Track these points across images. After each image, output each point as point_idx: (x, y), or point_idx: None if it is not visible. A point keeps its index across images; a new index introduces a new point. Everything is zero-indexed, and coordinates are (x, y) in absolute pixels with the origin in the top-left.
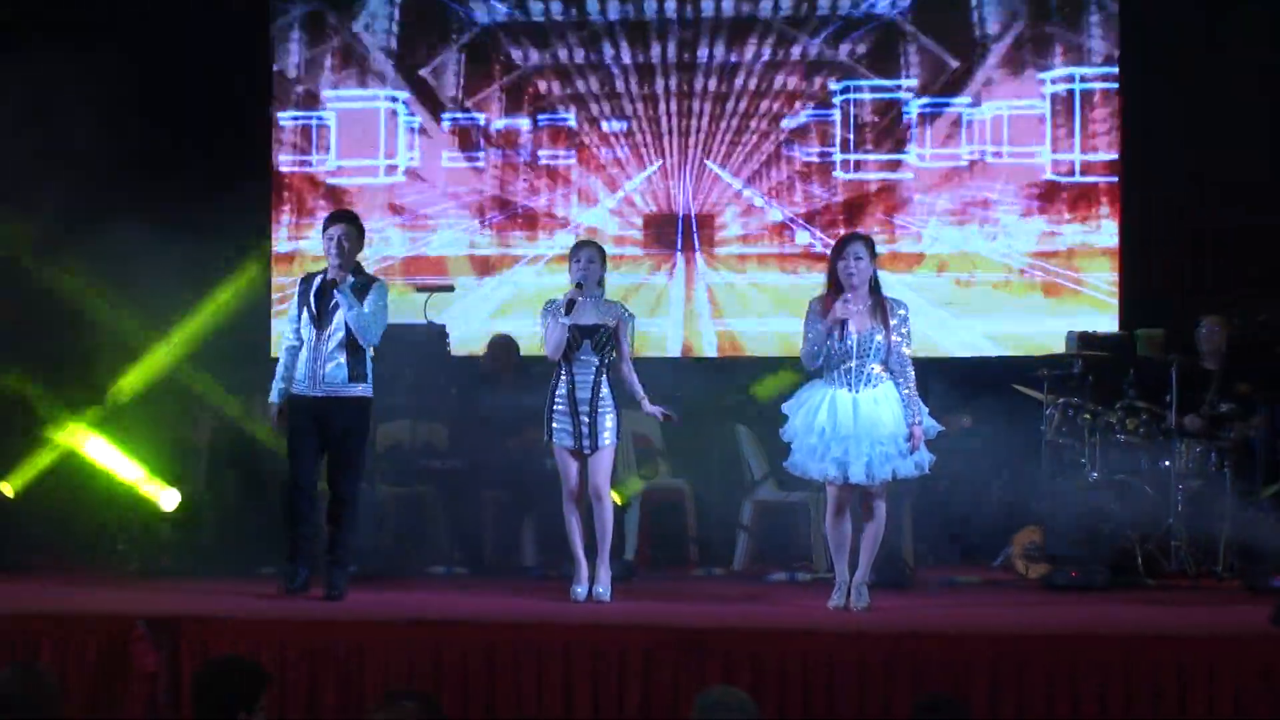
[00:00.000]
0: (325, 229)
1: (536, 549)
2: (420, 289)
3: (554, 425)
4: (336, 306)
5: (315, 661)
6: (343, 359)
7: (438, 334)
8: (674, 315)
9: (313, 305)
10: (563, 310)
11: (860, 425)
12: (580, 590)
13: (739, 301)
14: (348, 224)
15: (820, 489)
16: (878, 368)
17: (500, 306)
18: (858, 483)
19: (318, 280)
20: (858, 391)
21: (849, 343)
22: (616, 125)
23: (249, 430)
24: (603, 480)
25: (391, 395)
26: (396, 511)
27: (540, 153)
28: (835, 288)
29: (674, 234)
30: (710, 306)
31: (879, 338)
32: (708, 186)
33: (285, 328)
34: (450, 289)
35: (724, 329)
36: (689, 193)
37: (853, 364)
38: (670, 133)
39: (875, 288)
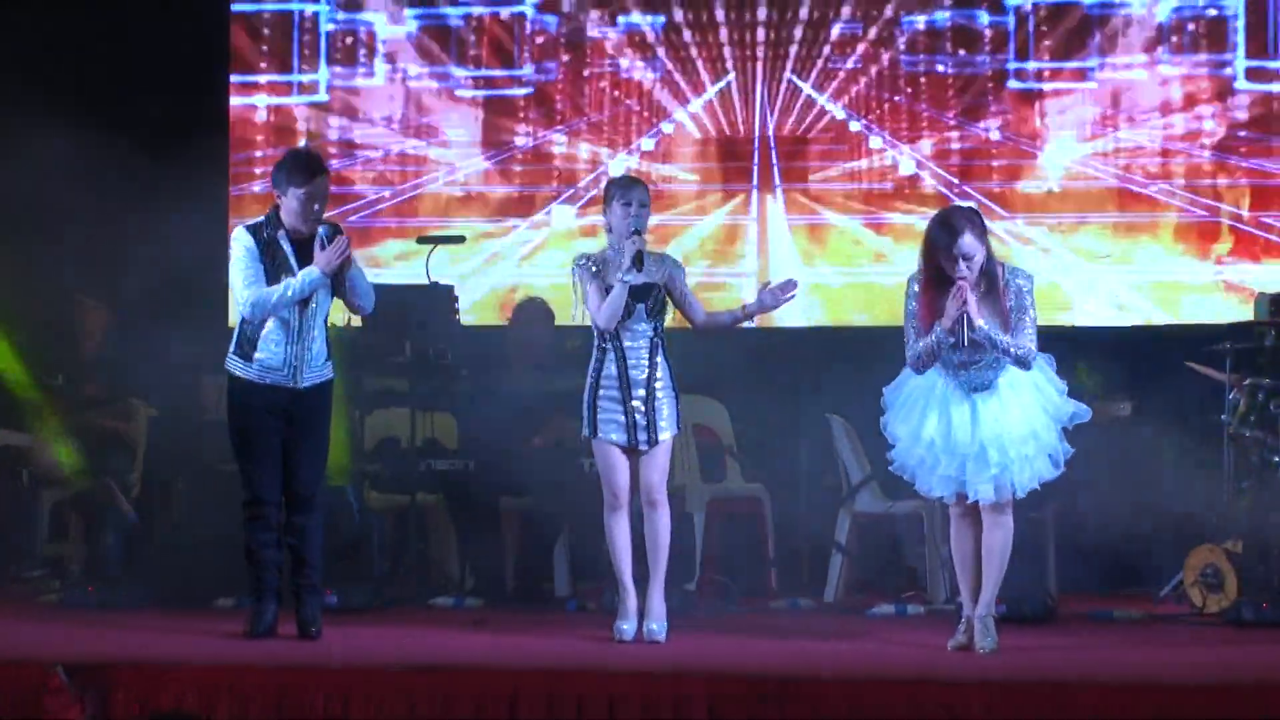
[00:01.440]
0: (300, 183)
1: (571, 575)
2: (423, 240)
3: (600, 415)
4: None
5: (286, 718)
6: (322, 335)
7: (444, 297)
8: (746, 269)
9: (296, 272)
10: (631, 265)
11: (982, 434)
12: (628, 628)
13: (836, 251)
14: (326, 177)
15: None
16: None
17: (523, 261)
18: (981, 500)
19: (285, 241)
20: (974, 387)
21: (961, 331)
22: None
23: (200, 420)
24: (659, 483)
25: (384, 376)
26: (391, 527)
27: (569, 63)
28: (936, 270)
29: (748, 165)
30: (797, 257)
31: (996, 319)
32: (792, 107)
33: (247, 282)
34: (460, 240)
35: (816, 286)
36: (766, 113)
37: (969, 365)
38: (742, 40)
39: (990, 264)
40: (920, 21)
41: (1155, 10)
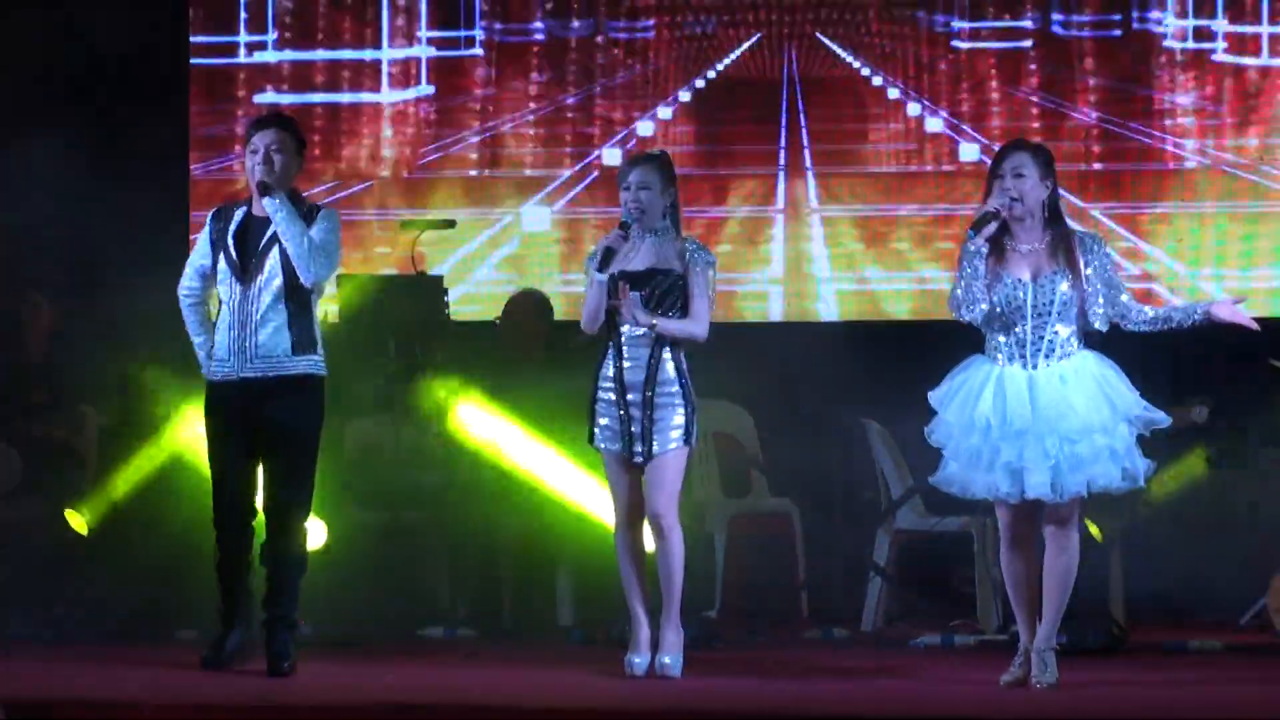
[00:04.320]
0: (248, 138)
1: (576, 602)
2: (407, 226)
3: (597, 421)
4: (270, 246)
5: None
6: (281, 320)
7: (432, 290)
8: (774, 259)
9: (232, 249)
10: (598, 260)
11: (1041, 415)
12: (640, 661)
13: (874, 242)
14: (281, 130)
15: (989, 512)
16: (1064, 330)
17: (517, 250)
18: (1040, 498)
19: (239, 215)
20: (1035, 366)
21: (1020, 296)
22: None
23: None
24: (666, 505)
25: (366, 379)
26: (374, 549)
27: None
28: (997, 217)
29: (774, 143)
30: (827, 249)
31: (1064, 286)
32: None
33: (191, 262)
34: (451, 225)
35: (850, 279)
36: (796, 80)
37: (1026, 327)
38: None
39: (1055, 216)
40: None
41: None
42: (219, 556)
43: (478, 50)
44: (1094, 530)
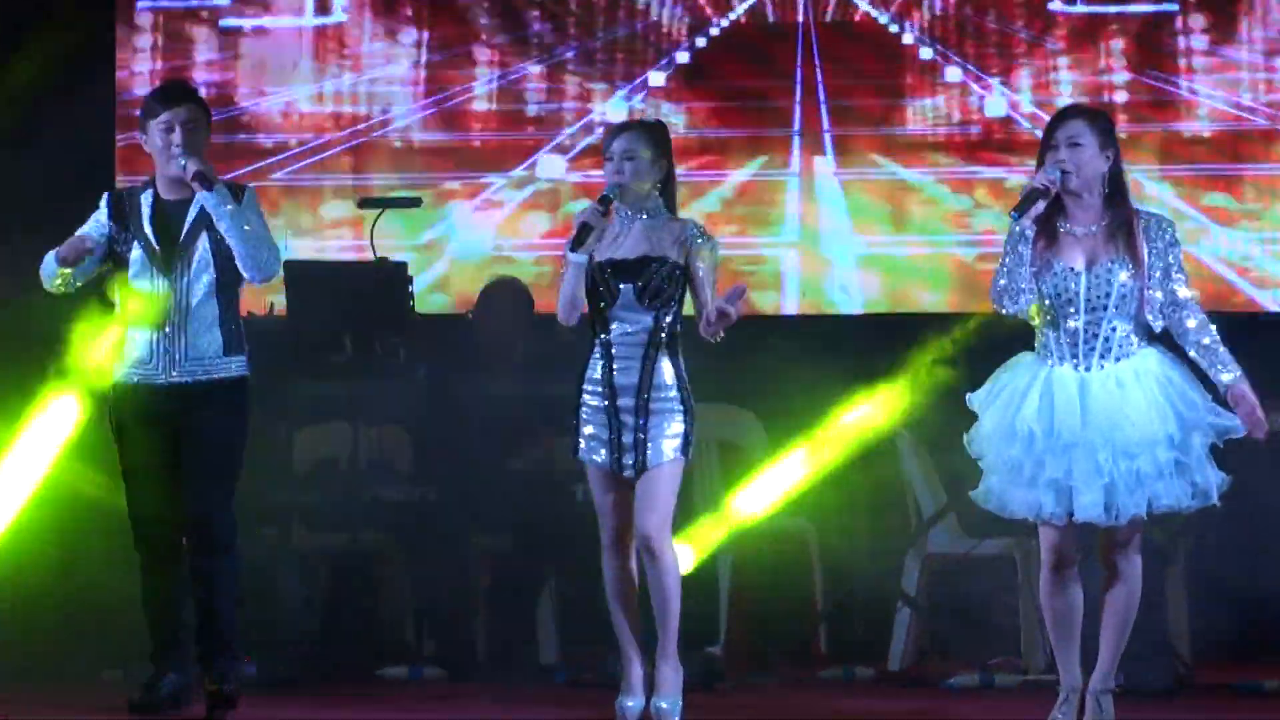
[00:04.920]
0: (155, 114)
1: (560, 636)
2: (365, 205)
3: (583, 429)
4: (195, 234)
5: None
6: (213, 316)
7: (393, 278)
8: (785, 237)
9: (151, 234)
10: (572, 240)
11: (1093, 424)
12: (633, 705)
13: (901, 214)
14: (194, 106)
15: (1033, 534)
16: (1122, 327)
17: (500, 229)
18: (1092, 521)
19: (146, 200)
20: (1088, 367)
21: (1071, 287)
22: None
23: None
24: (658, 526)
25: (317, 380)
26: (329, 576)
27: None
28: (1046, 195)
29: (788, 111)
30: (849, 222)
31: (1123, 276)
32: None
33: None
34: (416, 204)
35: (873, 262)
36: (812, 30)
37: (1079, 322)
38: None
39: (1117, 194)
40: None
41: None
42: (147, 586)
43: None
44: None
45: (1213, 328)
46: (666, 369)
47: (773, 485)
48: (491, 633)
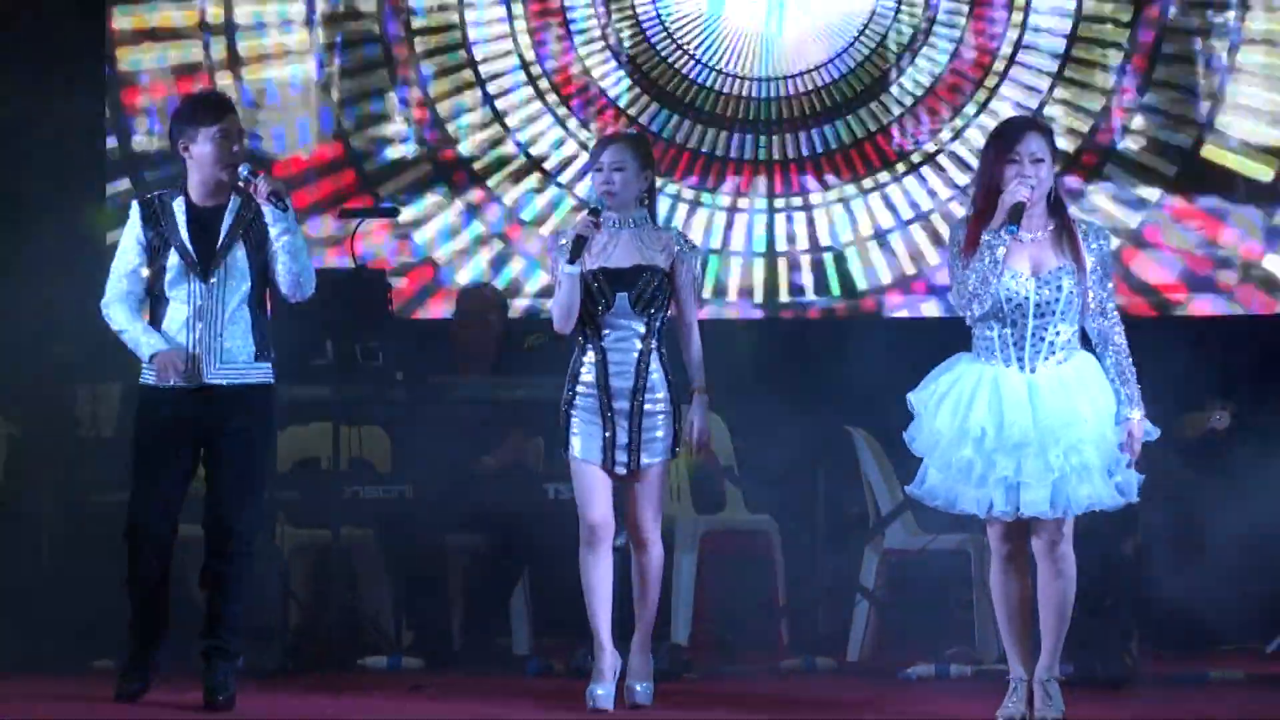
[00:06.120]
0: (205, 122)
1: (534, 628)
2: (345, 214)
3: (574, 429)
4: (231, 242)
5: None
6: (247, 323)
7: (372, 285)
8: (738, 244)
9: (188, 243)
10: (568, 251)
11: (1043, 425)
12: (604, 693)
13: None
14: (233, 114)
15: (985, 528)
16: (1066, 331)
17: (475, 240)
18: (1039, 516)
19: (179, 207)
20: (1033, 369)
21: (1020, 292)
22: None
23: (71, 439)
24: (652, 519)
25: (299, 382)
26: (309, 570)
27: None
28: (990, 208)
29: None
30: (805, 228)
31: (1067, 282)
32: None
33: (117, 270)
34: (394, 213)
35: (834, 262)
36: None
37: (1027, 326)
38: None
39: (1058, 202)
40: None
41: None
42: (129, 570)
43: None
44: None
45: (1126, 351)
46: (658, 373)
47: (737, 483)
48: (467, 624)
